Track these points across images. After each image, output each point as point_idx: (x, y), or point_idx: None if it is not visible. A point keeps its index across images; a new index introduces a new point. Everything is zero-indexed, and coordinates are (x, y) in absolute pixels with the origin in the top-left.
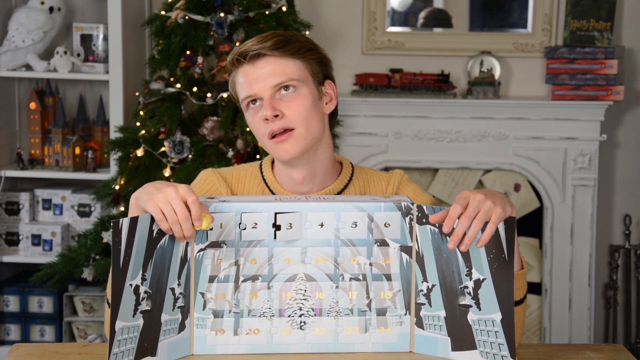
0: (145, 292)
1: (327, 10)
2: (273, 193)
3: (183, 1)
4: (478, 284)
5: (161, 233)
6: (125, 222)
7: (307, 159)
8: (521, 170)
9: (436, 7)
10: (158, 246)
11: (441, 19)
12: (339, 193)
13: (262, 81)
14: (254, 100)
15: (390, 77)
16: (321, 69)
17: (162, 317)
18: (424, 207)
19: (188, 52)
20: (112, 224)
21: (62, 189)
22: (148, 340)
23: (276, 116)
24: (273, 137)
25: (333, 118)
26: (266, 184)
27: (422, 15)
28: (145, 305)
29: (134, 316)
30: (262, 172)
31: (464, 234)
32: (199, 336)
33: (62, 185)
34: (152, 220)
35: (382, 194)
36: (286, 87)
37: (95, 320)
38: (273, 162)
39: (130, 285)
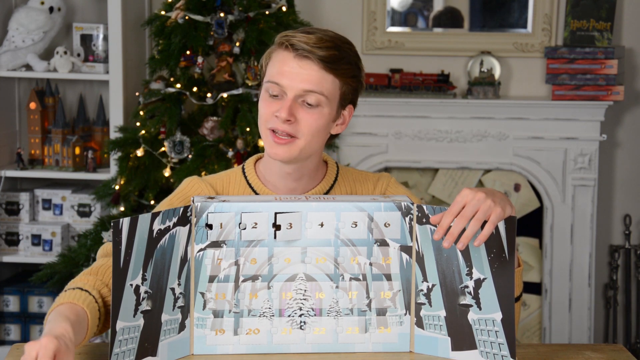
0: (146, 292)
1: (327, 10)
2: (257, 194)
3: (183, 1)
4: (478, 283)
5: (161, 233)
6: (125, 222)
7: (295, 162)
8: (521, 170)
9: (449, 6)
10: (158, 246)
11: (454, 18)
12: (325, 194)
13: (296, 79)
14: (275, 92)
15: (390, 77)
16: (351, 96)
17: (163, 317)
18: (424, 207)
19: (188, 52)
20: (112, 224)
21: (62, 189)
22: (148, 340)
23: (288, 120)
24: (273, 132)
25: (335, 135)
26: (251, 186)
27: (434, 12)
28: (145, 305)
29: (134, 316)
30: (245, 175)
31: (462, 233)
32: (199, 336)
33: (62, 185)
34: (152, 219)
35: (368, 194)
36: (311, 99)
37: None
38: (256, 162)
39: (131, 285)
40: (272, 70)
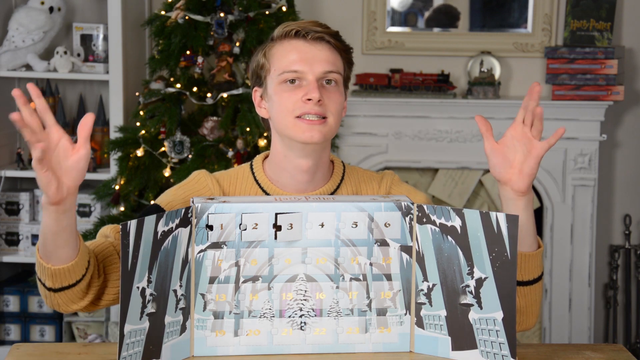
0: (151, 294)
1: (327, 10)
2: (267, 193)
3: (183, 1)
4: (480, 282)
5: (165, 234)
6: (132, 224)
7: (317, 151)
8: None
9: (447, 3)
10: (162, 248)
11: (450, 15)
12: (332, 194)
13: (316, 63)
14: (292, 80)
15: (390, 77)
16: (348, 80)
17: (166, 319)
18: (424, 207)
19: (188, 52)
20: (120, 227)
21: None
22: (153, 343)
23: (319, 100)
24: (302, 117)
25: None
26: (259, 184)
27: (431, 9)
28: (150, 308)
29: (140, 319)
30: (253, 173)
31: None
32: (199, 337)
33: None
34: (157, 221)
35: (373, 194)
36: (329, 80)
37: (95, 320)
38: (264, 160)
39: (137, 287)
40: (283, 62)
